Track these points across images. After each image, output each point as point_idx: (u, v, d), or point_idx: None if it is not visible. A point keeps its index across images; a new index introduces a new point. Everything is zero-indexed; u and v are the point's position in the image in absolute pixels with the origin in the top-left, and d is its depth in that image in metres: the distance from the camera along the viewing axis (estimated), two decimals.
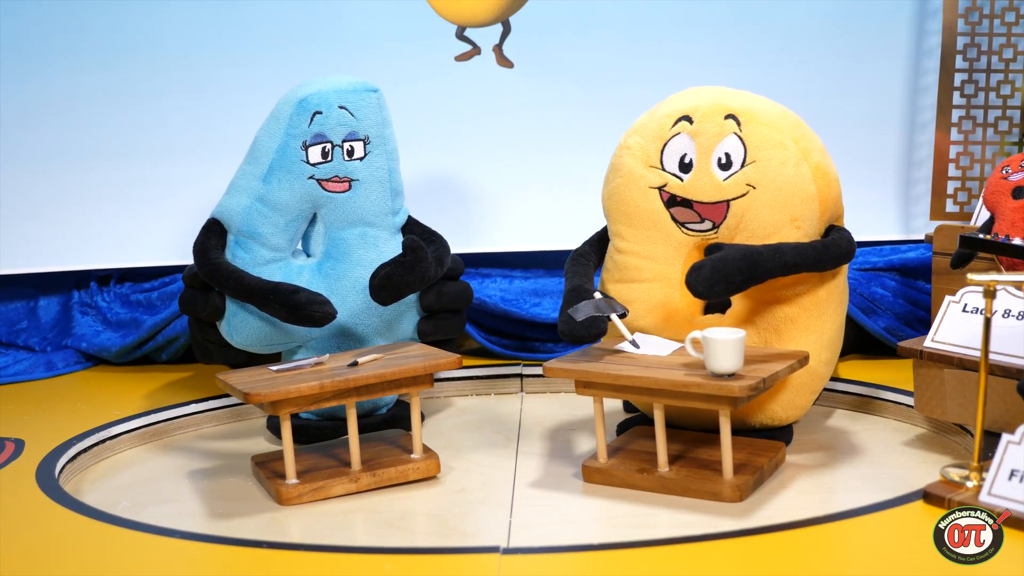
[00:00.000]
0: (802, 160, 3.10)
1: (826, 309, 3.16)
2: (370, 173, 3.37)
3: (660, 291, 3.21)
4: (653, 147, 3.20)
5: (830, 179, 3.14)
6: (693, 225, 3.17)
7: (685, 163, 3.15)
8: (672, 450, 3.05)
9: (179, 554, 2.63)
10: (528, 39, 4.09)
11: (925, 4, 4.08)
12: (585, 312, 3.02)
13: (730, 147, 3.11)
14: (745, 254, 2.98)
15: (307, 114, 3.31)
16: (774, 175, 3.08)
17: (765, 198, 3.09)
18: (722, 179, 3.12)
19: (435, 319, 3.49)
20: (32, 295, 4.31)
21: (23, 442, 3.29)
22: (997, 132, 4.07)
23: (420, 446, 3.13)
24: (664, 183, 3.18)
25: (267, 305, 3.21)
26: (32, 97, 4.05)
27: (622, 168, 3.25)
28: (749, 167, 3.10)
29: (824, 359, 3.18)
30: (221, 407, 3.65)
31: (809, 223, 3.10)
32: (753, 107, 3.15)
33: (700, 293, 2.98)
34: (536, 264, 4.27)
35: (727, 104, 3.15)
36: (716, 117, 3.14)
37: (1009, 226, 3.16)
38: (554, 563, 2.58)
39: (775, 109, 3.18)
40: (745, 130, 3.11)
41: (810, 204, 3.09)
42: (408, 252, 3.27)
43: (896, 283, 4.08)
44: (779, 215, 3.09)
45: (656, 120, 3.23)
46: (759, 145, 3.10)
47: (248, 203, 3.32)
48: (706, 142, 3.13)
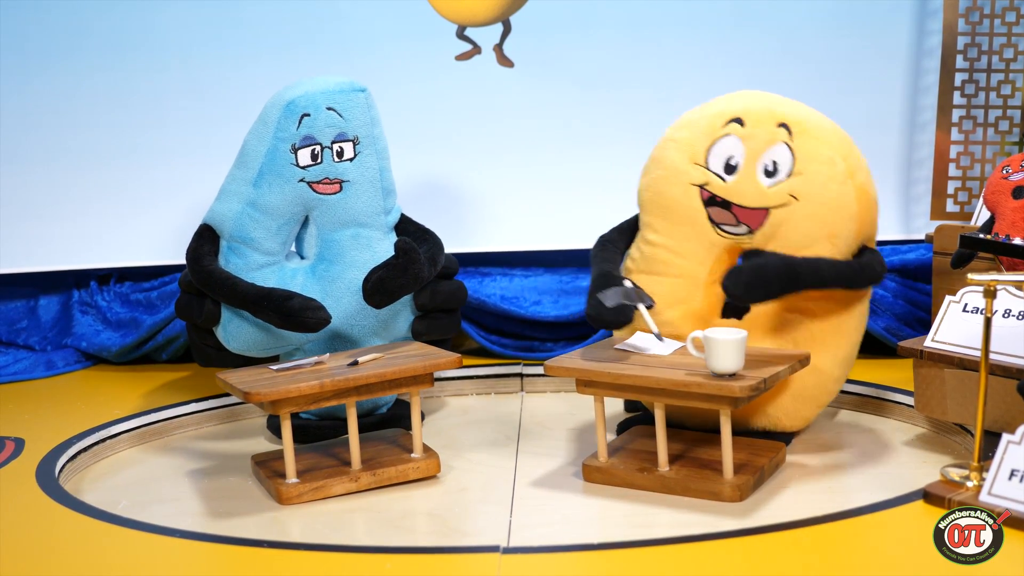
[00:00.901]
0: (848, 179, 3.07)
1: (846, 327, 3.15)
2: (361, 174, 3.35)
3: (684, 288, 3.20)
4: (701, 144, 3.17)
5: (871, 201, 3.13)
6: (729, 227, 3.16)
7: (731, 165, 3.13)
8: (672, 450, 3.05)
9: (179, 553, 2.63)
10: (528, 39, 4.09)
11: (925, 4, 4.08)
12: (614, 299, 3.01)
13: (778, 155, 3.09)
14: (785, 264, 2.99)
15: (295, 117, 3.29)
16: (819, 190, 3.06)
17: (806, 211, 3.07)
18: (766, 186, 3.10)
19: (429, 318, 3.49)
20: (32, 294, 4.31)
21: (23, 441, 3.29)
22: (997, 132, 4.07)
23: (420, 445, 3.13)
24: (706, 181, 3.15)
25: (261, 312, 3.20)
26: (32, 97, 4.05)
27: (664, 160, 3.21)
28: (795, 178, 3.08)
29: (836, 376, 3.18)
30: (221, 406, 3.65)
31: (845, 241, 3.08)
32: (806, 119, 3.13)
33: (737, 296, 2.99)
34: (536, 263, 4.26)
35: (781, 112, 3.13)
36: (769, 124, 3.11)
37: (1009, 226, 3.16)
38: (554, 563, 2.58)
39: (828, 124, 3.15)
40: (796, 141, 3.09)
41: (849, 223, 3.07)
42: (400, 254, 3.26)
43: (896, 284, 4.08)
44: (817, 230, 3.07)
45: (707, 118, 3.19)
46: (808, 158, 3.08)
47: (239, 208, 3.31)
48: (755, 147, 3.11)
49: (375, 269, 3.24)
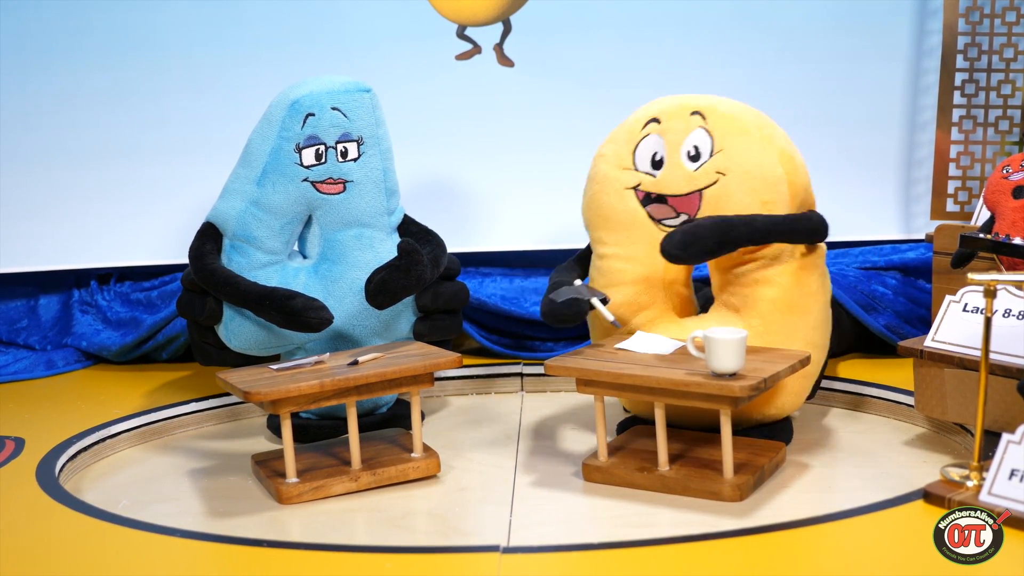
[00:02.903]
0: (767, 145, 3.17)
1: (806, 287, 3.18)
2: (365, 174, 3.36)
3: (645, 292, 3.25)
4: (625, 150, 3.29)
5: (796, 164, 3.21)
6: (669, 221, 3.22)
7: (656, 160, 3.24)
8: (672, 449, 3.06)
9: (179, 553, 2.63)
10: (529, 38, 4.09)
11: (925, 4, 4.08)
12: (566, 295, 3.10)
13: (698, 139, 3.19)
14: (717, 219, 3.08)
15: (300, 116, 3.30)
16: (741, 160, 3.15)
17: (735, 183, 3.15)
18: (693, 170, 3.19)
19: (431, 320, 3.49)
20: (32, 294, 4.31)
21: (23, 441, 3.29)
22: (997, 132, 4.07)
23: (420, 445, 3.13)
24: (638, 182, 3.25)
25: (263, 311, 3.21)
26: (33, 97, 4.05)
27: (597, 175, 3.33)
28: (717, 155, 3.17)
29: (814, 341, 3.19)
30: (221, 406, 3.65)
31: (780, 206, 3.14)
32: (716, 103, 3.25)
33: (674, 256, 3.05)
34: (536, 263, 4.27)
35: (691, 103, 3.25)
36: (682, 114, 3.23)
37: (1009, 225, 3.16)
38: (554, 562, 2.58)
39: (737, 104, 3.28)
40: (710, 122, 3.20)
41: (779, 186, 3.14)
42: (403, 255, 3.26)
43: (897, 281, 4.08)
44: (750, 198, 3.13)
45: (626, 126, 3.33)
46: (725, 134, 3.18)
47: (242, 207, 3.31)
48: (674, 138, 3.22)
49: (378, 270, 3.24)
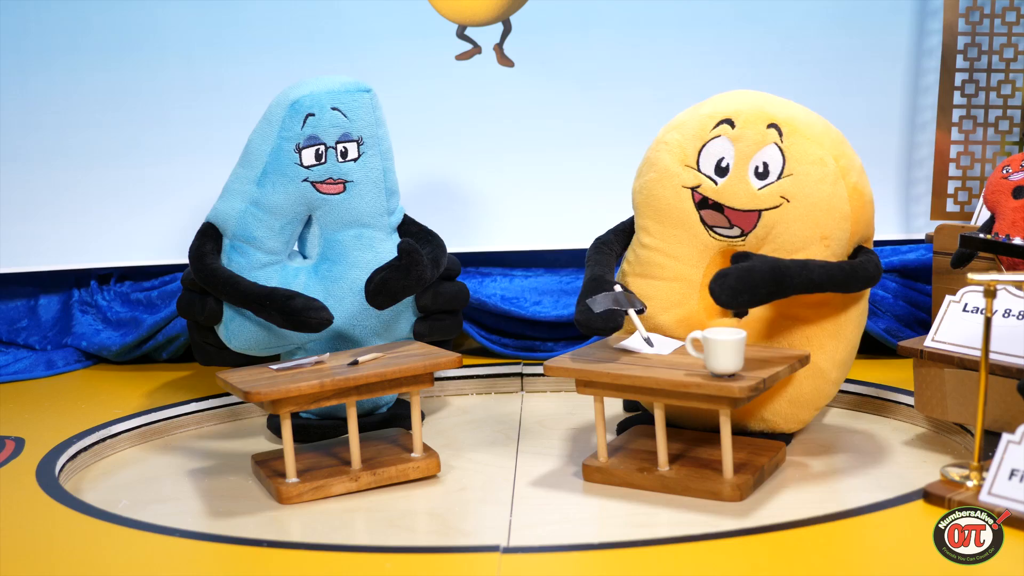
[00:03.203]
0: (840, 179, 3.06)
1: (843, 330, 3.14)
2: (364, 174, 3.35)
3: (679, 291, 3.19)
4: (691, 146, 3.16)
5: (865, 201, 3.11)
6: (722, 230, 3.15)
7: (722, 167, 3.12)
8: (672, 449, 3.05)
9: (179, 553, 2.63)
10: (529, 38, 4.09)
11: (925, 4, 4.08)
12: (604, 304, 3.00)
13: (769, 157, 3.08)
14: (773, 267, 2.94)
15: (300, 116, 3.30)
16: (810, 191, 3.05)
17: (798, 212, 3.06)
18: (757, 188, 3.09)
19: (431, 320, 3.48)
20: (32, 294, 4.31)
21: (23, 441, 3.29)
22: (998, 132, 4.07)
23: (420, 445, 3.13)
24: (698, 184, 3.14)
25: (263, 311, 3.20)
26: (32, 96, 4.05)
27: (657, 163, 3.21)
28: (786, 179, 3.06)
29: (833, 379, 3.17)
30: (221, 406, 3.65)
31: (838, 242, 3.07)
32: (797, 119, 3.10)
33: (723, 302, 2.95)
34: (537, 263, 4.26)
35: (771, 112, 3.11)
36: (759, 124, 3.10)
37: (1010, 225, 3.16)
38: (554, 562, 2.58)
39: (819, 123, 3.13)
40: (786, 141, 3.07)
41: (842, 224, 3.06)
42: (403, 255, 3.26)
43: (896, 285, 4.08)
44: (810, 231, 3.06)
45: (697, 119, 3.18)
46: (799, 159, 3.06)
47: (242, 207, 3.31)
48: (746, 148, 3.09)
49: (378, 270, 3.24)
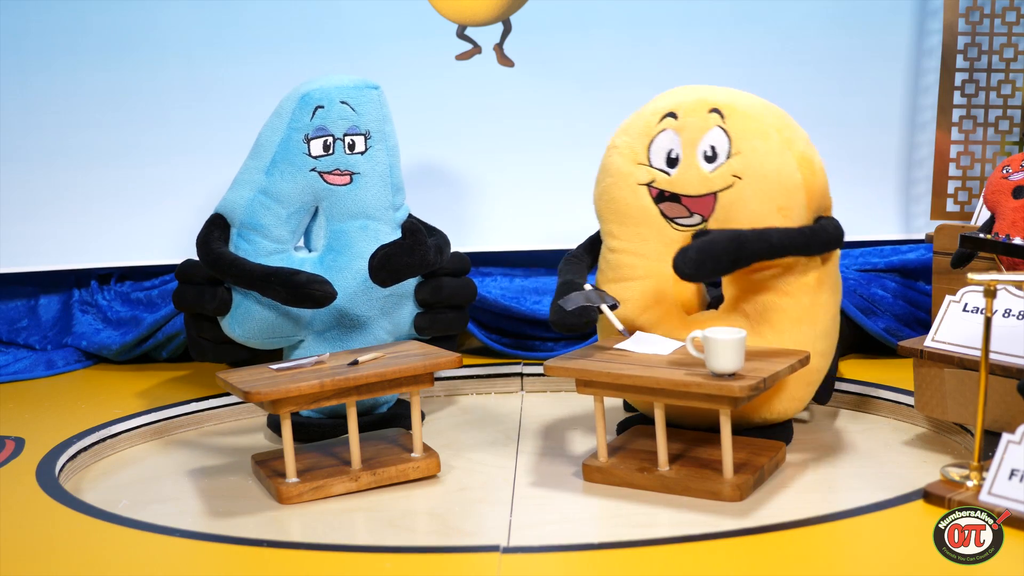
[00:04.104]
0: (786, 149, 3.10)
1: (818, 298, 3.15)
2: (371, 167, 3.39)
3: (653, 289, 3.22)
4: (640, 144, 3.22)
5: (815, 168, 3.15)
6: (682, 220, 3.18)
7: (672, 158, 3.17)
8: (672, 449, 3.05)
9: (179, 553, 2.63)
10: (529, 38, 4.09)
11: (925, 4, 4.08)
12: (575, 302, 3.05)
13: (715, 139, 3.13)
14: (731, 237, 3.00)
15: (309, 108, 3.34)
16: (759, 164, 3.09)
17: (751, 188, 3.10)
18: (708, 171, 3.13)
19: (432, 314, 3.50)
20: (32, 293, 4.31)
21: (23, 440, 3.29)
22: (998, 132, 4.07)
23: (420, 445, 3.13)
24: (652, 179, 3.20)
25: (269, 288, 3.23)
26: (32, 96, 4.06)
27: (611, 167, 3.27)
28: (734, 158, 3.11)
29: (819, 350, 3.17)
30: (221, 406, 3.65)
31: (796, 212, 3.10)
32: (736, 100, 3.17)
33: (688, 275, 2.99)
34: (537, 263, 4.27)
35: (710, 99, 3.17)
36: (700, 111, 3.15)
37: (1009, 225, 3.16)
38: (554, 562, 2.58)
39: (758, 102, 3.20)
40: (729, 122, 3.13)
41: (796, 193, 3.10)
42: (407, 235, 3.32)
43: (896, 284, 4.08)
44: (766, 205, 3.09)
45: (642, 118, 3.25)
46: (743, 136, 3.11)
47: (251, 195, 3.35)
48: (691, 136, 3.15)
49: (381, 247, 3.30)
